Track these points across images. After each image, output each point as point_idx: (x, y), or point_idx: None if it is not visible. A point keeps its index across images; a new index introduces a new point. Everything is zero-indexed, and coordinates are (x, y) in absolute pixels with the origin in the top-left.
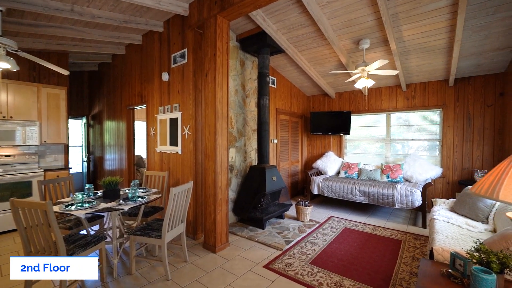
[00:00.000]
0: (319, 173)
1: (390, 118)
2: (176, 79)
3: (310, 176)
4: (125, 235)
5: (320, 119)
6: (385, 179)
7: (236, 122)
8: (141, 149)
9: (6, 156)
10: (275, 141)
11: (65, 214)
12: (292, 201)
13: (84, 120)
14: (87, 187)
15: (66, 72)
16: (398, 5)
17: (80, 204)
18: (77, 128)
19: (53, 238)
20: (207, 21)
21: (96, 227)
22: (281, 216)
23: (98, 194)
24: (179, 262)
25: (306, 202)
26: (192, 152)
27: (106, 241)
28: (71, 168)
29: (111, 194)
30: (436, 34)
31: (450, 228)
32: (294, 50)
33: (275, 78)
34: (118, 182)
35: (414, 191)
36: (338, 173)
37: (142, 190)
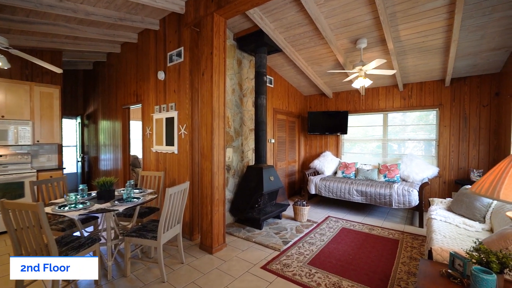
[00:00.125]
0: (316, 173)
1: (387, 118)
2: (172, 78)
3: (308, 176)
4: (120, 237)
5: (317, 119)
6: (382, 179)
7: (233, 121)
8: (136, 149)
9: None
10: (273, 140)
11: (58, 216)
12: (289, 201)
13: (78, 119)
14: (81, 188)
15: (59, 70)
16: (396, 4)
17: (73, 205)
18: (71, 127)
19: (45, 240)
20: (204, 19)
21: (90, 229)
22: (278, 216)
23: (93, 194)
24: (175, 263)
25: (304, 202)
26: (188, 152)
27: (100, 242)
28: (65, 168)
29: (106, 194)
30: (433, 34)
31: (447, 227)
32: (292, 49)
33: (272, 78)
34: (113, 183)
35: (411, 191)
36: (335, 173)
37: (137, 191)
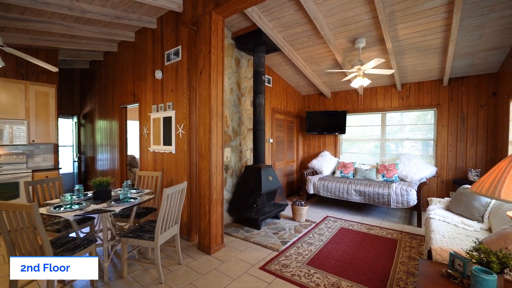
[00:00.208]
0: (315, 172)
1: (385, 117)
2: (169, 77)
3: (306, 175)
4: (116, 238)
5: (315, 119)
6: (380, 179)
7: (231, 121)
8: (134, 148)
9: None
10: (271, 140)
11: (53, 217)
12: (287, 201)
13: (75, 119)
14: (77, 188)
15: (55, 69)
16: (395, 3)
17: (69, 205)
18: (68, 127)
19: (39, 241)
20: (202, 17)
21: (86, 230)
22: (277, 216)
23: (89, 195)
24: (173, 264)
25: (302, 202)
26: (186, 151)
27: (96, 243)
28: (61, 168)
29: (102, 195)
30: (431, 34)
31: (446, 227)
32: (290, 49)
33: (271, 77)
34: (109, 183)
35: (410, 191)
36: (334, 172)
37: (134, 191)
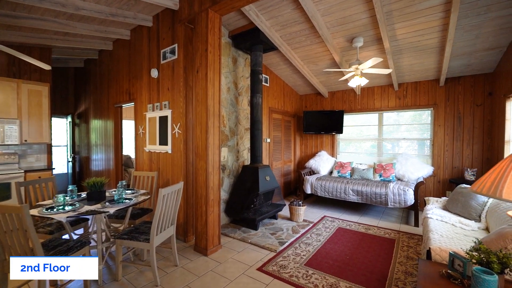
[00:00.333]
0: (312, 172)
1: (382, 117)
2: (165, 76)
3: (303, 175)
4: (111, 239)
5: (312, 118)
6: (377, 178)
7: (228, 120)
8: (129, 148)
9: None
10: (268, 140)
11: (46, 218)
12: (285, 201)
13: (69, 118)
14: (70, 189)
15: (47, 67)
16: (393, 2)
17: (61, 207)
18: (62, 127)
19: (30, 244)
20: (198, 15)
21: (80, 231)
22: (274, 216)
23: (82, 196)
24: (169, 266)
25: (300, 202)
26: (182, 151)
27: (90, 245)
28: (55, 168)
29: (96, 196)
30: (428, 33)
31: (444, 226)
32: (288, 48)
33: (268, 77)
34: (104, 183)
35: (407, 190)
36: (331, 172)
37: (129, 191)
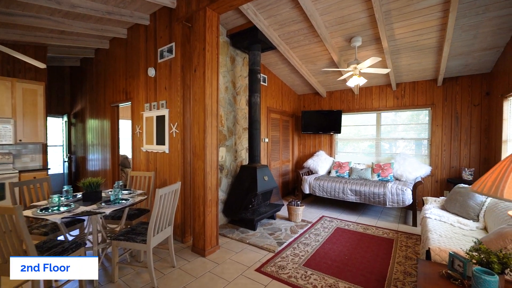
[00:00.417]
0: (310, 172)
1: (380, 117)
2: (163, 75)
3: (302, 175)
4: (107, 240)
5: (311, 118)
6: (376, 178)
7: (226, 120)
8: (126, 148)
9: None
10: (266, 140)
11: (40, 219)
12: (283, 201)
13: (65, 118)
14: (65, 189)
15: (42, 65)
16: (391, 1)
17: (56, 207)
18: (57, 126)
19: (24, 246)
20: (196, 13)
21: (75, 232)
22: (272, 216)
23: (78, 196)
24: (166, 267)
25: (298, 202)
26: (180, 151)
27: (86, 247)
28: (50, 169)
29: (92, 196)
30: (427, 33)
31: (442, 226)
32: (286, 47)
33: (266, 76)
34: (99, 183)
35: (405, 190)
36: (329, 172)
37: (126, 192)
